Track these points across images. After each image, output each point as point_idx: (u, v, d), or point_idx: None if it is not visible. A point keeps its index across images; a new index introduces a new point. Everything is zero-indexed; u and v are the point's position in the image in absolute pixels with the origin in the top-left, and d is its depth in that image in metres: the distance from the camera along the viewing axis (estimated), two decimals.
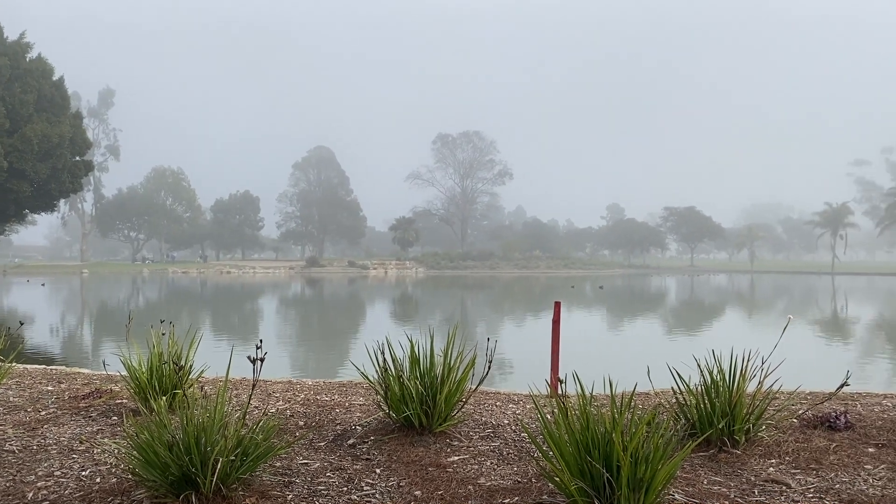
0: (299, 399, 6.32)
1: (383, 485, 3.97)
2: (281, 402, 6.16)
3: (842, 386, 5.12)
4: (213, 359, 6.57)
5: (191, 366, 5.95)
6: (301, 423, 5.37)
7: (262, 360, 3.91)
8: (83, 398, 6.22)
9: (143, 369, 5.66)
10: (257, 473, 3.98)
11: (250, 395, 4.19)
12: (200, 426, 3.71)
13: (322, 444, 4.81)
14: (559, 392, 4.75)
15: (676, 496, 3.74)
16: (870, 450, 4.68)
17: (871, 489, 3.92)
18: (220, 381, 6.97)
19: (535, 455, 4.53)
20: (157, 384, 5.56)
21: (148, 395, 5.46)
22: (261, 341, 3.98)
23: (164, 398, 5.00)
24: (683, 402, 4.86)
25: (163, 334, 5.91)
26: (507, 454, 4.61)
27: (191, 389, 5.80)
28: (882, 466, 4.32)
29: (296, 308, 33.36)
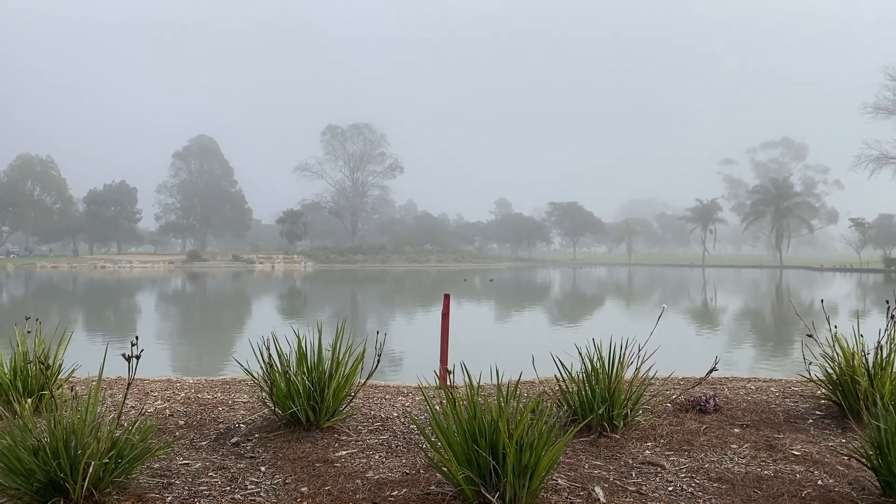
0: (179, 398, 6.07)
1: (268, 482, 3.88)
2: (160, 402, 5.90)
3: (711, 371, 5.45)
4: (86, 358, 6.19)
5: (60, 365, 5.60)
6: (181, 423, 5.16)
7: (137, 357, 3.73)
8: None
9: (6, 370, 5.27)
10: (133, 476, 3.79)
11: (125, 395, 3.99)
12: (70, 428, 3.49)
13: (204, 443, 4.64)
14: (448, 383, 4.80)
15: (560, 481, 3.85)
16: (735, 430, 5.00)
17: (736, 467, 4.19)
18: (93, 380, 6.59)
19: (424, 446, 4.55)
20: (21, 385, 5.20)
21: (11, 398, 5.08)
22: (136, 338, 3.79)
23: (29, 400, 4.67)
24: (566, 390, 5.03)
25: (28, 332, 5.52)
26: (396, 446, 4.61)
27: (60, 390, 5.45)
28: (746, 445, 4.63)
29: (176, 304, 32.06)
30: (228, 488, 3.80)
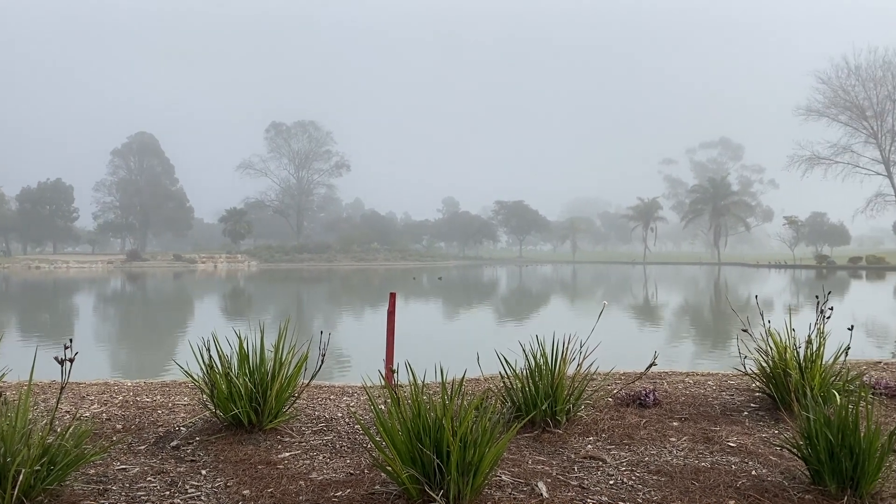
0: (117, 401, 5.91)
1: (209, 486, 3.81)
2: (96, 406, 5.73)
3: (650, 366, 5.58)
4: (17, 362, 5.97)
5: None
6: (119, 427, 5.02)
7: (71, 360, 3.61)
8: None
9: None
10: (67, 483, 3.68)
11: (58, 399, 3.86)
12: None
13: (142, 447, 4.52)
14: (393, 382, 4.79)
15: (503, 477, 3.89)
16: (674, 424, 5.13)
17: (675, 459, 4.29)
18: (25, 385, 6.36)
19: (369, 446, 4.54)
20: None
21: None
22: (70, 340, 3.67)
23: None
24: (510, 386, 5.07)
25: None
26: (341, 447, 4.58)
27: None
28: (684, 438, 4.75)
29: (115, 305, 31.17)
30: (168, 493, 3.71)
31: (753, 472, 4.03)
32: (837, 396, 4.00)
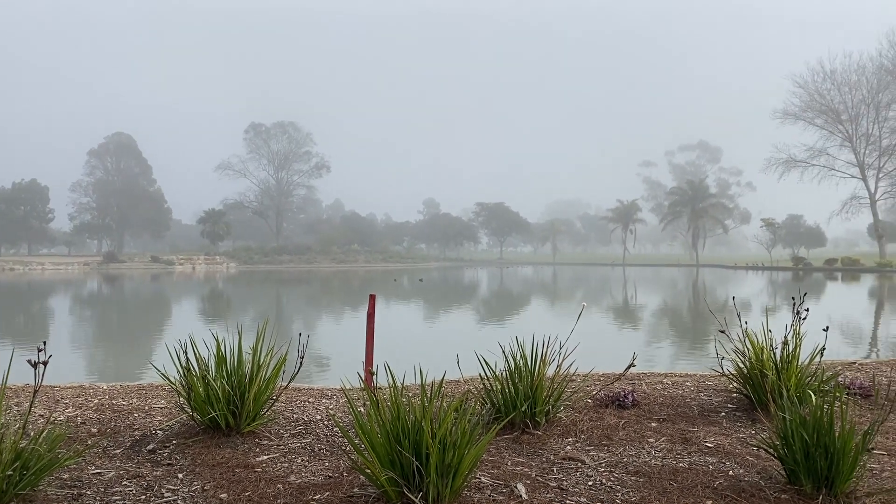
0: (92, 405, 5.83)
1: (186, 490, 3.77)
2: (71, 409, 5.65)
3: (629, 367, 5.61)
4: None
5: None
6: (94, 431, 4.96)
7: (45, 363, 3.56)
8: None
9: None
10: (40, 488, 3.62)
11: (32, 402, 3.81)
12: None
13: (118, 451, 4.47)
14: (372, 384, 4.78)
15: (483, 479, 3.88)
16: (653, 424, 5.16)
17: (653, 460, 4.31)
18: None
19: (347, 449, 4.52)
20: None
21: None
22: (44, 343, 3.62)
23: None
24: (490, 388, 5.08)
25: None
26: (319, 450, 4.56)
27: None
28: (662, 439, 4.77)
29: (91, 307, 30.80)
30: (144, 497, 3.67)
31: (730, 473, 4.06)
32: (813, 397, 4.05)
